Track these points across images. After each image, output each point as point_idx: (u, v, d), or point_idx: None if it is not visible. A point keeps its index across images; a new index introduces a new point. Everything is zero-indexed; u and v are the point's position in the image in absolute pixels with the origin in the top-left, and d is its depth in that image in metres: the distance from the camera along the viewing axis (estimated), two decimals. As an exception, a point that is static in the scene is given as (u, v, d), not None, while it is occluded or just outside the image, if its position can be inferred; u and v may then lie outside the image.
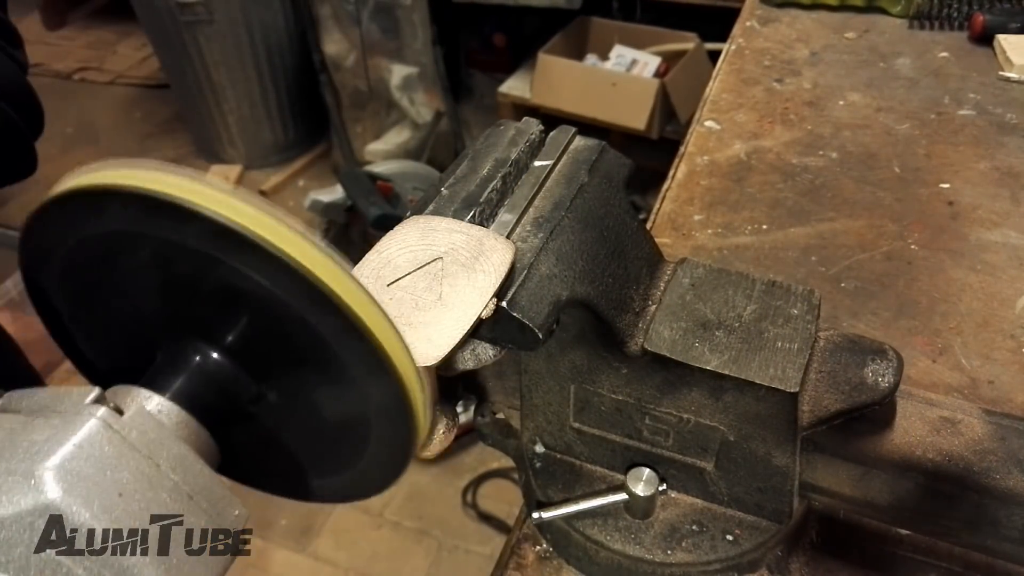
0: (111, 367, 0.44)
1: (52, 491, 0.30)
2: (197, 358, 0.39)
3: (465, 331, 0.42)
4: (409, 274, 0.45)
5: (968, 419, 0.53)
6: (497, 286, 0.44)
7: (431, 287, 0.44)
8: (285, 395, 0.41)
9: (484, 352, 0.47)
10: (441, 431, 0.51)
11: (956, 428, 0.52)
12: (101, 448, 0.31)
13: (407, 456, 0.41)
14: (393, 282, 0.45)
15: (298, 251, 0.33)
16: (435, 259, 0.45)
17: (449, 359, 0.42)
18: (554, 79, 2.52)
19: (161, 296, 0.39)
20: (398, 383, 0.36)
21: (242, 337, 0.39)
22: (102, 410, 0.32)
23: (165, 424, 0.35)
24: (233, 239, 0.33)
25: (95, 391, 0.34)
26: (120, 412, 0.33)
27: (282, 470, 0.45)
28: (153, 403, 0.36)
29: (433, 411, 0.39)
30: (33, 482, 0.30)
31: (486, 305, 0.43)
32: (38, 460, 0.30)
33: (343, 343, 0.35)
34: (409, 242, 0.47)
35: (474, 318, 0.43)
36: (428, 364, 0.41)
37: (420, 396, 0.37)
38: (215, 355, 0.39)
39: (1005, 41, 1.22)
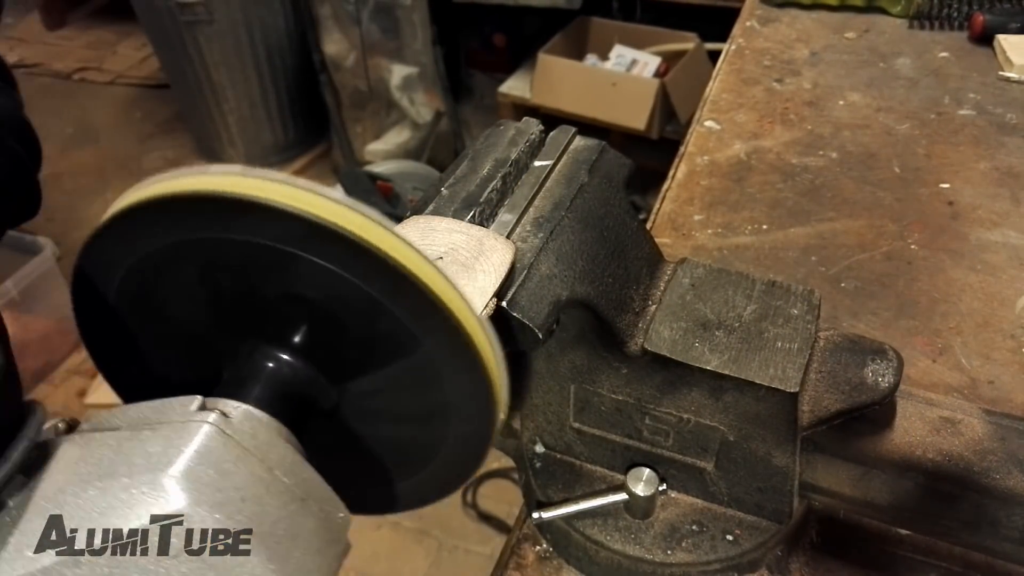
0: (167, 383, 0.42)
1: (178, 500, 0.29)
2: (269, 364, 0.38)
3: None
4: None
5: (968, 419, 0.53)
6: (497, 286, 0.43)
7: None
8: (363, 394, 0.40)
9: None
10: None
11: (956, 428, 0.52)
12: (218, 453, 0.31)
13: (486, 446, 0.40)
14: None
15: (387, 244, 0.33)
16: (435, 259, 0.45)
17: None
18: (554, 79, 2.52)
19: (225, 306, 0.39)
20: (486, 373, 0.36)
21: (312, 337, 0.38)
22: (213, 415, 0.32)
23: (273, 430, 0.34)
24: (322, 235, 0.33)
25: (198, 399, 0.34)
26: (228, 417, 0.33)
27: (364, 476, 0.44)
28: (244, 412, 0.35)
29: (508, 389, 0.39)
30: (158, 493, 0.30)
31: (486, 305, 0.43)
32: (159, 470, 0.30)
33: (432, 335, 0.35)
34: None
35: None
36: None
37: (501, 384, 0.37)
38: (286, 357, 0.39)
39: (1005, 41, 1.22)
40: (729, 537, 0.58)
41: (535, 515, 0.60)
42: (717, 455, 0.56)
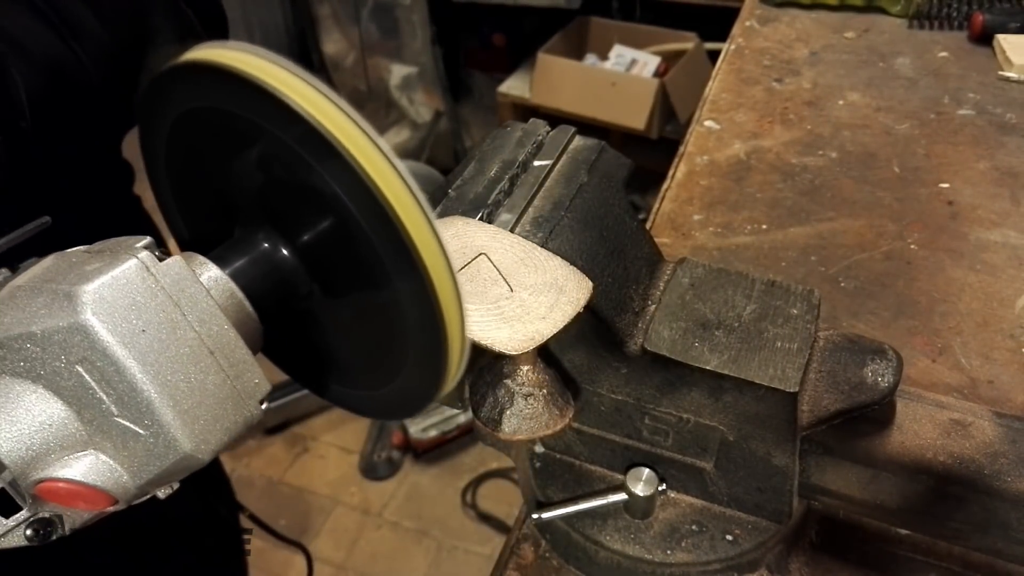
0: (199, 238, 0.46)
1: (84, 312, 0.33)
2: (266, 245, 0.41)
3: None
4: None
5: (978, 421, 0.52)
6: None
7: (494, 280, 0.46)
8: (334, 299, 0.43)
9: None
10: (548, 411, 0.50)
11: (966, 431, 0.52)
12: (133, 284, 0.34)
13: (435, 389, 0.42)
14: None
15: (376, 170, 0.35)
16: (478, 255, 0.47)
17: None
18: (554, 79, 2.52)
19: (251, 182, 0.41)
20: (438, 309, 0.37)
21: (313, 240, 0.41)
22: (144, 253, 0.35)
23: (208, 286, 0.37)
24: (323, 147, 0.34)
25: (147, 239, 0.37)
26: (161, 260, 0.36)
27: (318, 369, 0.47)
28: (210, 273, 0.39)
29: (467, 345, 0.40)
30: (70, 303, 0.33)
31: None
32: (79, 283, 0.34)
33: (397, 266, 0.37)
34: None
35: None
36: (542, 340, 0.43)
37: (458, 327, 0.38)
38: (284, 249, 0.41)
39: (1005, 41, 1.22)
40: (729, 537, 0.58)
41: (535, 515, 0.60)
42: (717, 455, 0.56)
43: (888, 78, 1.21)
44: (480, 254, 0.47)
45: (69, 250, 0.38)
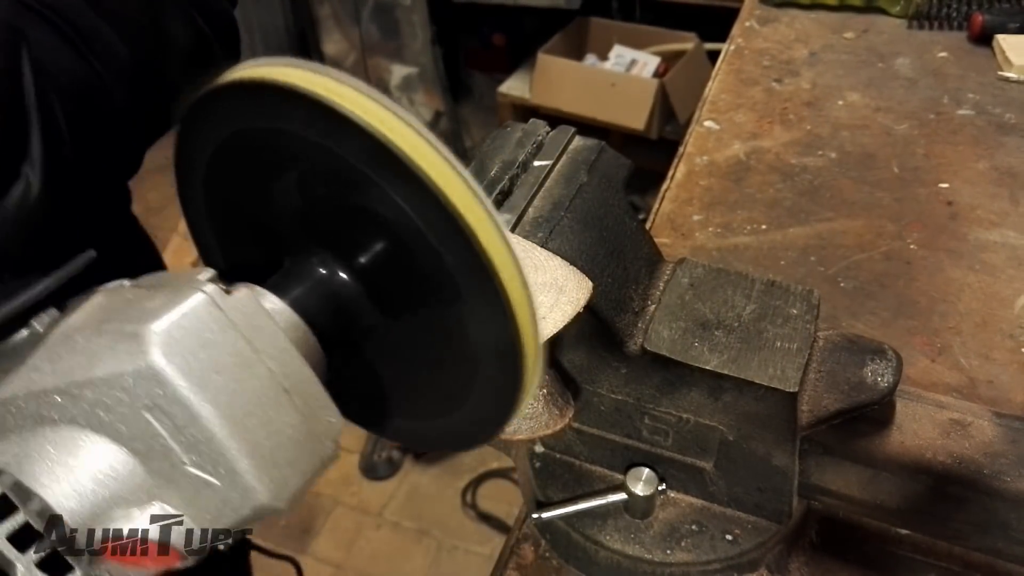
0: (242, 267, 0.43)
1: (154, 354, 0.30)
2: (323, 271, 0.39)
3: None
4: None
5: (978, 422, 0.53)
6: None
7: None
8: (401, 329, 0.40)
9: None
10: (548, 410, 0.50)
11: (966, 431, 0.52)
12: (203, 321, 0.32)
13: (511, 408, 0.40)
14: None
15: (446, 183, 0.33)
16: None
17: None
18: (553, 79, 2.52)
19: (303, 204, 0.39)
20: (515, 326, 0.35)
21: (372, 261, 0.38)
22: (211, 287, 0.33)
23: (274, 318, 0.35)
24: (389, 161, 0.32)
25: (211, 272, 0.34)
26: (229, 293, 0.34)
27: (382, 404, 0.45)
28: (272, 304, 0.36)
29: (543, 373, 0.39)
30: (138, 344, 0.31)
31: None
32: (144, 322, 0.31)
33: (470, 282, 0.35)
34: None
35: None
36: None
37: (533, 347, 0.37)
38: (342, 273, 0.39)
39: (1004, 41, 1.22)
40: (728, 537, 0.58)
41: (535, 515, 0.61)
42: (716, 455, 0.56)
43: (888, 78, 1.21)
44: None
45: (115, 285, 0.36)
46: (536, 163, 0.55)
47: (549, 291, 0.45)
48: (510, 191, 0.52)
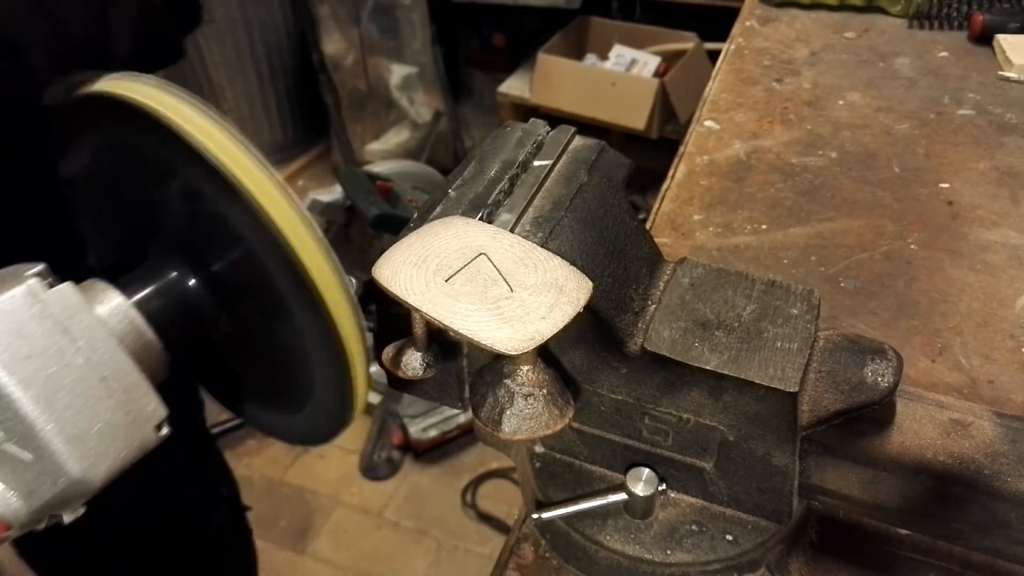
0: (120, 263, 0.47)
1: None
2: (174, 274, 0.42)
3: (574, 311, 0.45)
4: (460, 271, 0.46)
5: (979, 421, 0.52)
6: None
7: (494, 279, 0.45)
8: (248, 333, 0.44)
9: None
10: (548, 410, 0.50)
11: (967, 431, 0.52)
12: (18, 311, 0.35)
13: (346, 414, 0.43)
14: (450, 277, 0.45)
15: (269, 201, 0.36)
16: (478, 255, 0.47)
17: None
18: (554, 79, 2.52)
19: (161, 212, 0.42)
20: (339, 343, 0.38)
21: (221, 270, 0.41)
22: (33, 280, 0.36)
23: (106, 314, 0.38)
24: (225, 186, 0.36)
25: (40, 266, 0.37)
26: (52, 287, 0.36)
27: (242, 393, 0.48)
28: (113, 301, 0.39)
29: (368, 373, 0.41)
30: None
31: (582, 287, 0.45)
32: None
33: (297, 297, 0.38)
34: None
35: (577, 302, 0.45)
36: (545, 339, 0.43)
37: (360, 364, 0.40)
38: (192, 278, 0.42)
39: (1004, 41, 1.22)
40: (729, 537, 0.58)
41: (535, 515, 0.60)
42: (717, 455, 0.56)
43: (888, 78, 1.21)
44: (480, 254, 0.47)
45: None
46: (536, 163, 0.55)
47: (549, 291, 0.45)
48: (510, 191, 0.52)
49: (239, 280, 0.41)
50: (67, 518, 0.38)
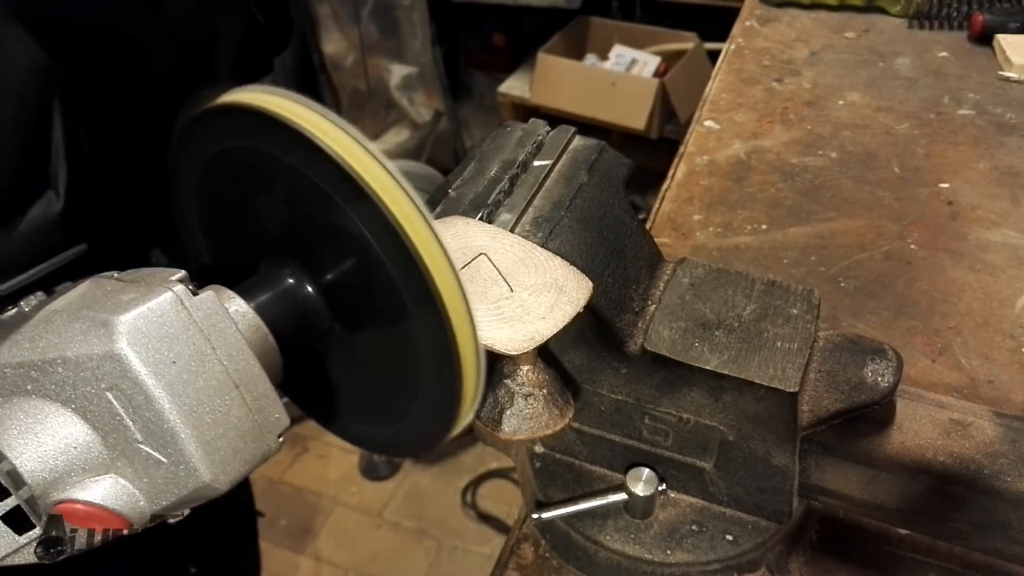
0: (222, 268, 0.48)
1: (120, 342, 0.34)
2: (291, 281, 0.42)
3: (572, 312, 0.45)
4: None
5: (978, 421, 0.52)
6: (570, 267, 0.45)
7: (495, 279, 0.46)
8: (358, 341, 0.44)
9: None
10: (548, 410, 0.50)
11: (967, 431, 0.52)
12: (167, 316, 0.35)
13: (444, 435, 0.43)
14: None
15: (400, 212, 0.36)
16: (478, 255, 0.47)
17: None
18: (554, 79, 2.52)
19: (282, 218, 0.42)
20: (456, 352, 0.38)
21: (336, 277, 0.42)
22: (179, 287, 0.36)
23: (235, 320, 0.38)
24: (350, 188, 0.36)
25: (182, 272, 0.38)
26: (195, 294, 0.37)
27: (332, 404, 0.48)
28: (237, 307, 0.40)
29: (484, 385, 0.41)
30: (107, 331, 0.34)
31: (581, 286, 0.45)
32: (115, 313, 0.34)
33: (417, 305, 0.38)
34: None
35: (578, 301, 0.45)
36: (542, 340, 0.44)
37: (474, 373, 0.39)
38: (308, 285, 0.42)
39: (1004, 41, 1.22)
40: (729, 537, 0.58)
41: (535, 515, 0.61)
42: (717, 455, 0.56)
43: (888, 78, 1.21)
44: (480, 254, 0.47)
45: (103, 277, 0.39)
46: (536, 163, 0.55)
47: (549, 291, 0.45)
48: (510, 191, 0.52)
49: (353, 285, 0.41)
50: (172, 520, 0.39)
